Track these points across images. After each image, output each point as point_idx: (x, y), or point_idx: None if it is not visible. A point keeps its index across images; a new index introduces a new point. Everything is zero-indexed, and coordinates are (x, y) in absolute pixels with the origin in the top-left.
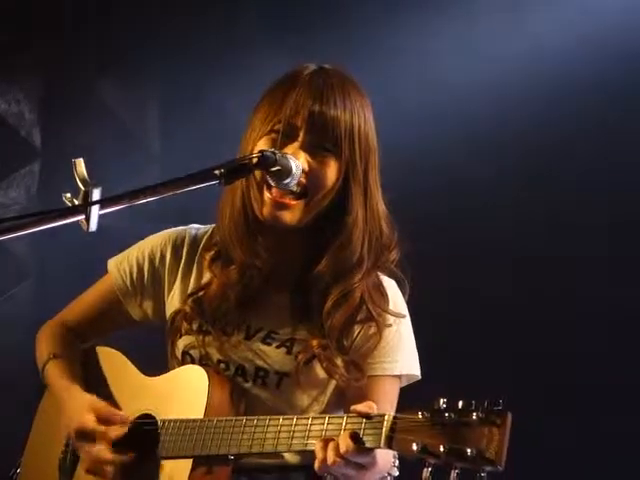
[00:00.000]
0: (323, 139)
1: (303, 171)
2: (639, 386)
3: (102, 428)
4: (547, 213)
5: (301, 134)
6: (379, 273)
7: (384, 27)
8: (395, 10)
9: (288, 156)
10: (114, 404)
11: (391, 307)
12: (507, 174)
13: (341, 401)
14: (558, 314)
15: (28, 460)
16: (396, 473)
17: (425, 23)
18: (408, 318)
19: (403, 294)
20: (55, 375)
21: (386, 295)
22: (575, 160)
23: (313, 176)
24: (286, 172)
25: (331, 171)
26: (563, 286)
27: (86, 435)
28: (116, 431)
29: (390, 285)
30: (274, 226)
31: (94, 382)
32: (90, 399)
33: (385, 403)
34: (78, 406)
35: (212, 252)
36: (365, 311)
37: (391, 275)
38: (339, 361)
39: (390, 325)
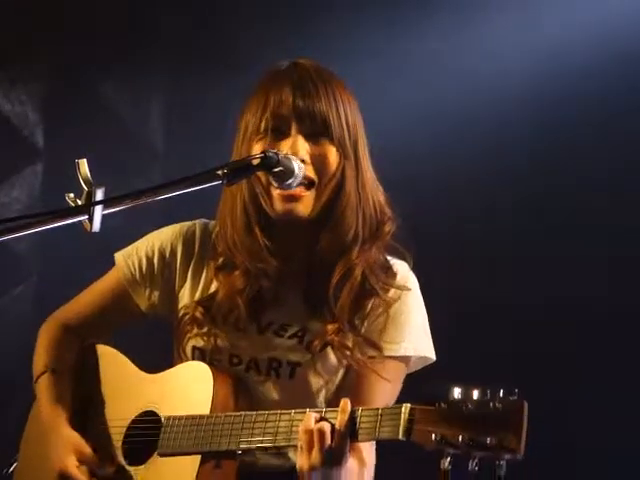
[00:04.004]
0: (314, 128)
1: (306, 162)
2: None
3: (82, 476)
4: (547, 213)
5: (293, 128)
6: (388, 257)
7: (384, 27)
8: (395, 10)
9: (291, 157)
10: (112, 403)
11: (398, 281)
12: (507, 174)
13: (348, 386)
14: (558, 314)
15: (24, 463)
16: None
17: (425, 23)
18: (418, 295)
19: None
20: (46, 393)
21: (391, 271)
22: (576, 159)
23: (317, 165)
24: (288, 173)
25: (332, 156)
26: (563, 286)
27: (67, 477)
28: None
29: (401, 265)
30: (279, 227)
31: (92, 381)
32: (73, 438)
33: (382, 384)
34: (61, 444)
35: (218, 262)
36: (369, 286)
37: (392, 249)
38: (353, 343)
39: (395, 300)
